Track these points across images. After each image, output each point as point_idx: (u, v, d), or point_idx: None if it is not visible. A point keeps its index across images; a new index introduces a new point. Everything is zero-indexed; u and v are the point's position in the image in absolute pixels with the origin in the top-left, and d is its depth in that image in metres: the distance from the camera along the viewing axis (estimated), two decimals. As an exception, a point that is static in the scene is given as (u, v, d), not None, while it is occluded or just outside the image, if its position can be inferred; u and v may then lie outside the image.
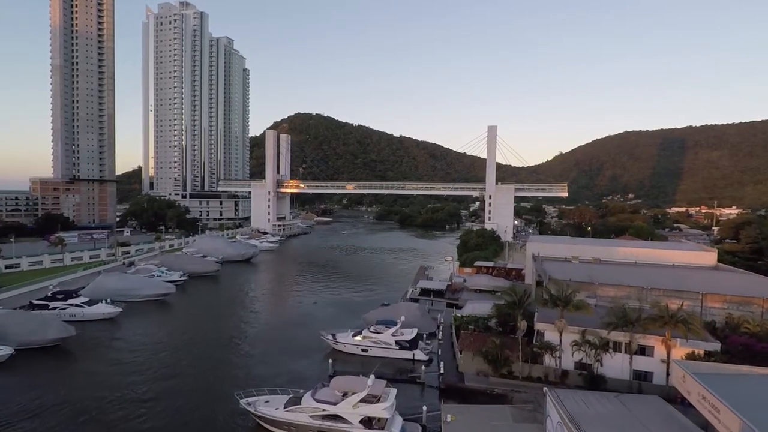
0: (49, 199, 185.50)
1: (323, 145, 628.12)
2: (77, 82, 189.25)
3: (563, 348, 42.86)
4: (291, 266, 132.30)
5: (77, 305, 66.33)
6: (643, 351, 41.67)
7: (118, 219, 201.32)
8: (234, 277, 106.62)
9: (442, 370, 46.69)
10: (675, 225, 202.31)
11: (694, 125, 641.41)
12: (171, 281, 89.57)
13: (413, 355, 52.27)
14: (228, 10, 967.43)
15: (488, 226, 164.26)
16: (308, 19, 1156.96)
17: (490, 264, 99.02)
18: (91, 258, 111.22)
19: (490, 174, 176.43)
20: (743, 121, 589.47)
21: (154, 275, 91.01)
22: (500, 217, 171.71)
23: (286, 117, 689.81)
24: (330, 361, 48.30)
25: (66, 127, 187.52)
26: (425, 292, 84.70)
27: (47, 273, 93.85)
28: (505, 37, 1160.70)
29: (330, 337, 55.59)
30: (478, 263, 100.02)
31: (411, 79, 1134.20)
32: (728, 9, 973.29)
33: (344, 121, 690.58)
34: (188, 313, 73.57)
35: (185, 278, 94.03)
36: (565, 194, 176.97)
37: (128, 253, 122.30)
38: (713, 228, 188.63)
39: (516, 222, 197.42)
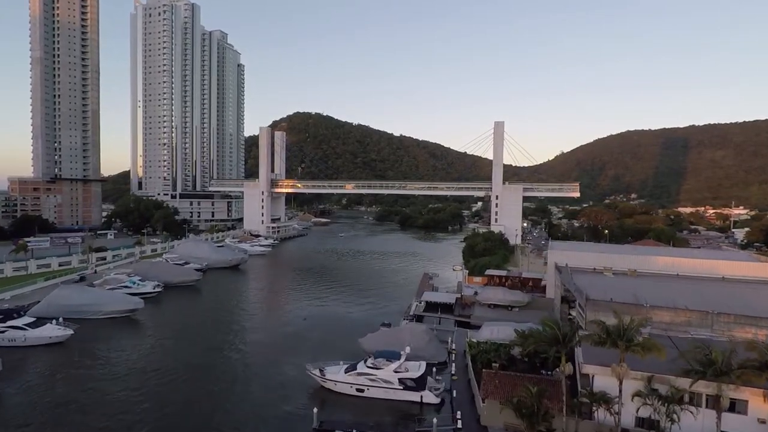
0: (29, 200, 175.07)
1: (322, 144, 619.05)
2: (59, 75, 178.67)
3: (622, 399, 32.29)
4: (282, 274, 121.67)
5: (19, 327, 55.65)
6: (731, 406, 31.20)
7: (104, 221, 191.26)
8: (217, 287, 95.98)
9: (459, 424, 36.13)
10: (692, 227, 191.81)
11: (696, 124, 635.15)
12: (142, 293, 79.04)
13: (421, 397, 41.69)
14: (227, 9, 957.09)
15: (495, 229, 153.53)
16: (308, 18, 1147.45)
17: (503, 273, 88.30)
18: (60, 265, 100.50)
19: (497, 173, 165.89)
20: (747, 120, 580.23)
21: (124, 286, 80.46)
22: (508, 219, 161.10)
23: (285, 116, 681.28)
24: (315, 410, 37.60)
25: (47, 123, 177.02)
26: (431, 306, 74.16)
27: (6, 283, 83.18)
28: (505, 37, 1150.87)
29: (317, 372, 44.95)
30: (489, 272, 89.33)
31: (411, 78, 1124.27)
32: (731, 8, 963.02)
33: (344, 120, 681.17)
34: (155, 334, 62.73)
35: (160, 290, 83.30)
36: (577, 194, 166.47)
37: (104, 258, 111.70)
38: (732, 230, 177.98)
39: (524, 224, 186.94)
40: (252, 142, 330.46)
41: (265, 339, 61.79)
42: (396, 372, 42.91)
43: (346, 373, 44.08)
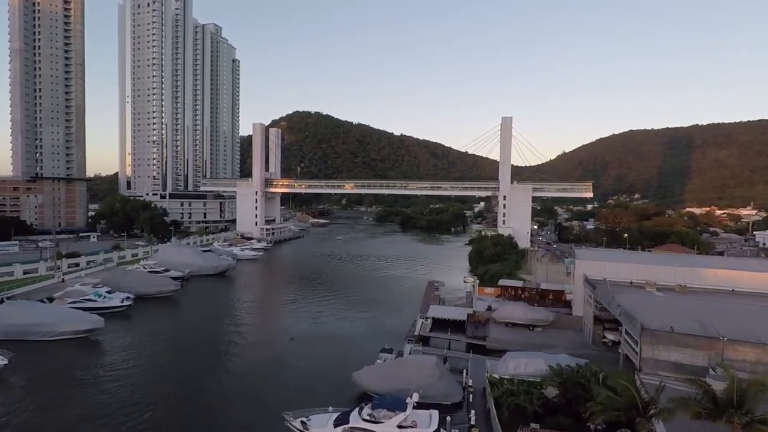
0: (8, 200, 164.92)
1: (322, 143, 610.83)
2: (40, 68, 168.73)
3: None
4: (272, 282, 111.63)
5: (-62, 358, 45.73)
6: None
7: (90, 222, 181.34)
8: (198, 298, 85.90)
9: None
10: (711, 229, 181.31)
11: (700, 124, 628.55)
12: (108, 308, 69.19)
13: (433, 461, 31.76)
14: (226, 9, 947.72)
15: (503, 231, 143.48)
16: (307, 17, 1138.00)
17: (519, 284, 78.14)
18: (25, 273, 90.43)
19: (505, 171, 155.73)
20: (751, 120, 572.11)
21: (87, 299, 70.39)
22: (516, 221, 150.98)
23: (284, 115, 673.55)
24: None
25: (27, 118, 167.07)
26: (439, 324, 64.11)
27: (-42, 295, 73.17)
28: (506, 37, 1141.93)
29: (298, 424, 34.94)
30: (502, 282, 79.16)
31: (411, 77, 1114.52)
32: (733, 7, 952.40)
33: (344, 119, 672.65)
34: (111, 363, 52.33)
35: (129, 303, 73.18)
36: (590, 194, 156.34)
37: (77, 265, 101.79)
38: (753, 232, 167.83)
39: (534, 226, 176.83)
40: (249, 142, 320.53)
41: (242, 367, 51.65)
42: (400, 428, 32.89)
43: (336, 426, 34.06)
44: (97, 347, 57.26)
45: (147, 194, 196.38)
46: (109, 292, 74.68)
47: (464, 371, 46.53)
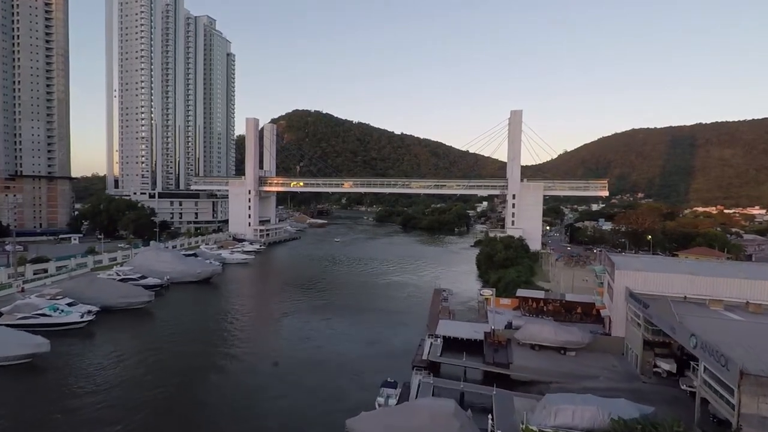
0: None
1: (322, 142, 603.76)
2: (18, 59, 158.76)
3: None
4: (262, 290, 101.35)
5: None
6: None
7: (72, 223, 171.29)
8: (174, 310, 75.76)
9: None
10: (733, 230, 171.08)
11: (703, 122, 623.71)
12: (64, 324, 59.43)
13: None
14: (221, 3, 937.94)
15: (512, 232, 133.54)
16: (305, 15, 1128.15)
17: (540, 294, 68.02)
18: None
19: (514, 168, 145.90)
20: (756, 118, 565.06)
21: (41, 314, 60.44)
22: (526, 221, 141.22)
23: (283, 114, 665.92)
24: None
25: (5, 113, 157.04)
26: (450, 344, 54.22)
27: None
28: (507, 35, 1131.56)
29: None
30: (521, 292, 69.12)
31: (412, 76, 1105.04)
32: (736, 4, 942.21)
33: (344, 118, 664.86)
34: (49, 400, 42.33)
35: (91, 317, 63.14)
36: (606, 193, 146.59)
37: (45, 271, 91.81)
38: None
39: (546, 227, 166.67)
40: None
41: (213, 402, 41.58)
42: None
43: None
44: (39, 378, 47.09)
45: (135, 193, 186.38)
46: (70, 305, 64.80)
47: (489, 416, 36.44)
